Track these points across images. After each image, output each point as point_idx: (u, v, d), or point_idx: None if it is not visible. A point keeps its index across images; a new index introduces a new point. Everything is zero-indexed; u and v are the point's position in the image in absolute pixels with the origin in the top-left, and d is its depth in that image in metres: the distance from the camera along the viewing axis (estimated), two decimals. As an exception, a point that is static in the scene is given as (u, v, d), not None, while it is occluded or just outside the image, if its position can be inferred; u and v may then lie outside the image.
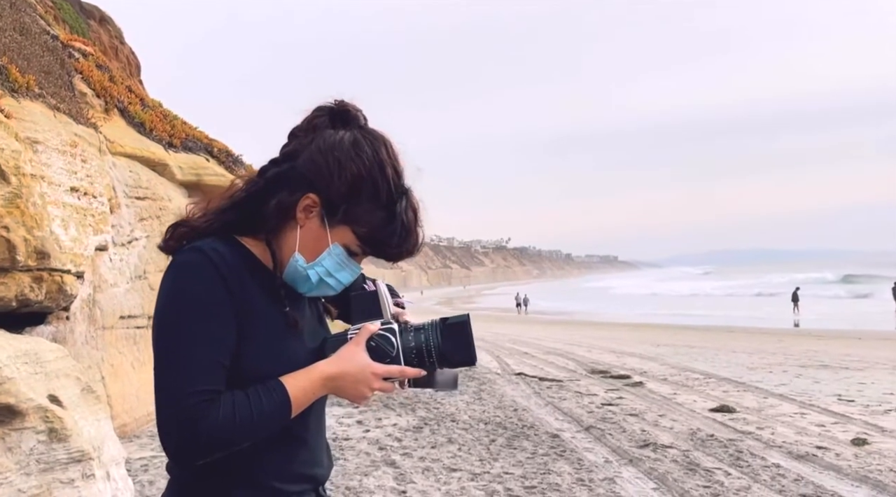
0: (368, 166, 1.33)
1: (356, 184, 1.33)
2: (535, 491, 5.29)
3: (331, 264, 1.36)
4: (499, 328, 29.05)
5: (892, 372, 12.19)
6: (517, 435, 7.34)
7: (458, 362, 1.35)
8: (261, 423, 1.26)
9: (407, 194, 1.36)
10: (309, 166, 1.35)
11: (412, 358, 1.34)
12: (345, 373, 1.31)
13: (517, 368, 13.59)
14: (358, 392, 1.32)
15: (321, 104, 1.40)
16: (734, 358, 14.95)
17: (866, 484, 5.42)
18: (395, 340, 1.34)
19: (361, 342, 1.33)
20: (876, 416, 8.29)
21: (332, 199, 1.33)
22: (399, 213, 1.34)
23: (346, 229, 1.35)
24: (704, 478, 5.65)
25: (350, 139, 1.35)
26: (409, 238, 1.36)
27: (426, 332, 1.34)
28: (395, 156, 1.37)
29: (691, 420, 8.16)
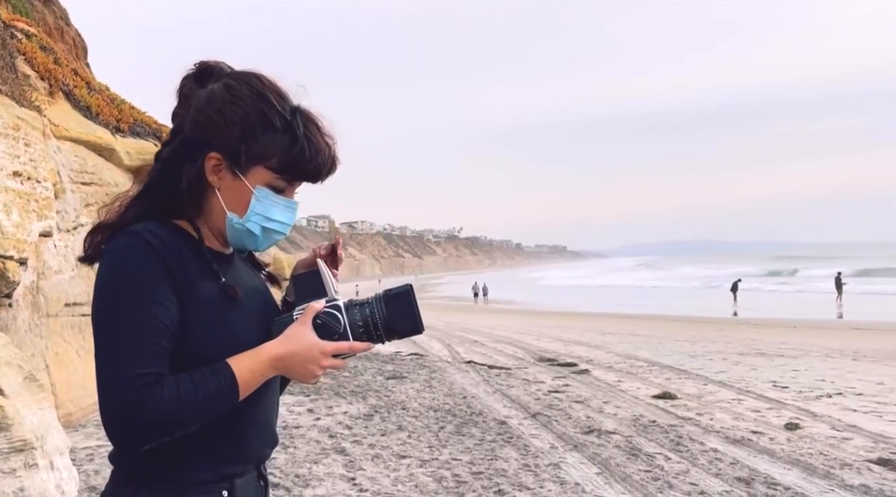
0: (250, 102, 1.32)
1: (246, 123, 1.31)
2: (483, 477, 5.35)
3: (263, 208, 1.34)
4: (450, 317, 29.15)
5: (824, 359, 12.61)
6: (466, 422, 7.39)
7: (405, 332, 1.36)
8: (206, 405, 1.25)
9: (299, 111, 1.35)
10: (196, 129, 1.33)
11: (360, 332, 1.34)
12: (293, 353, 1.30)
13: (467, 356, 13.67)
14: (308, 371, 1.31)
15: (184, 74, 1.39)
16: (677, 346, 15.28)
17: (797, 467, 5.61)
18: (341, 317, 1.33)
19: (307, 321, 1.32)
20: (808, 401, 8.57)
21: (232, 147, 1.32)
22: (299, 130, 1.33)
23: (260, 168, 1.33)
24: (646, 462, 5.77)
25: (221, 87, 1.34)
26: (320, 150, 1.34)
27: (371, 306, 1.35)
28: (272, 83, 1.35)
29: (635, 407, 8.33)
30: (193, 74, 1.38)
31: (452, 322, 25.25)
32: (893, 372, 10.91)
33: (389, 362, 12.47)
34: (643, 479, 5.28)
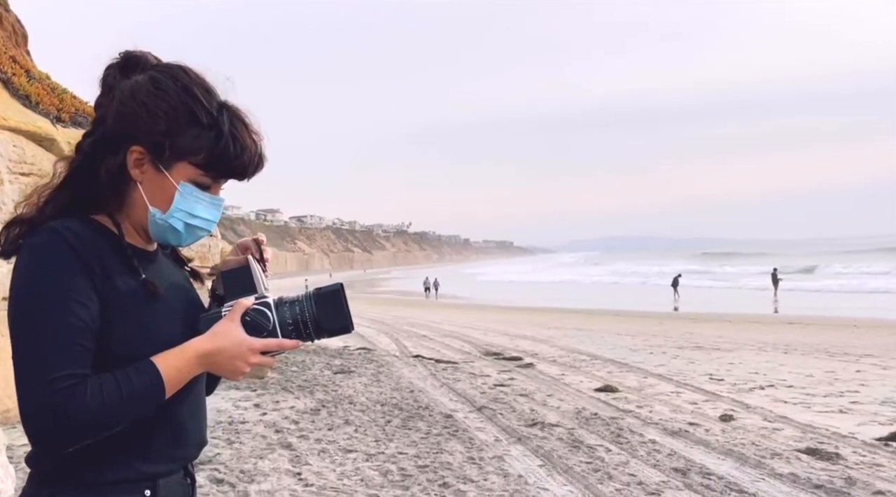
0: (175, 96, 1.29)
1: (171, 117, 1.28)
2: (428, 470, 5.36)
3: (187, 205, 1.31)
4: (399, 311, 29.11)
5: (757, 352, 12.97)
6: (412, 416, 7.40)
7: (335, 330, 1.34)
8: (131, 404, 1.21)
9: (226, 107, 1.32)
10: (119, 121, 1.30)
11: (289, 330, 1.32)
12: (220, 349, 1.27)
13: (415, 351, 13.67)
14: (235, 368, 1.29)
15: (109, 63, 1.35)
16: (619, 340, 15.53)
17: (731, 457, 5.77)
18: (270, 314, 1.31)
19: (236, 318, 1.30)
20: (742, 393, 8.82)
21: (156, 140, 1.28)
22: (224, 126, 1.30)
23: (184, 164, 1.30)
24: (587, 454, 5.86)
25: (147, 79, 1.30)
26: (245, 147, 1.31)
27: (301, 304, 1.33)
28: (199, 77, 1.32)
29: (577, 399, 8.44)
30: (118, 64, 1.34)
31: (401, 316, 25.23)
32: (822, 364, 11.29)
33: (337, 357, 12.40)
34: (584, 471, 5.36)
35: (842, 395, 8.61)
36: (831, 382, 9.55)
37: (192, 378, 1.30)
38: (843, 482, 5.04)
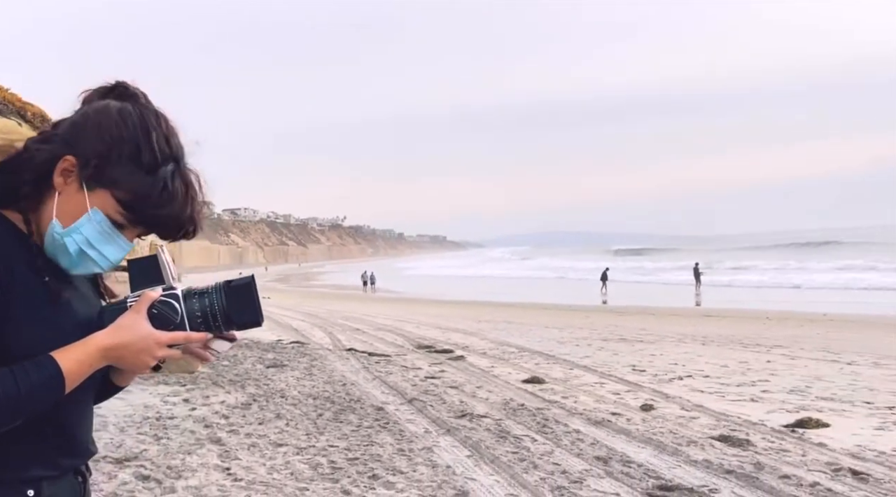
0: (131, 129, 1.25)
1: (116, 144, 1.24)
2: (358, 462, 5.34)
3: (91, 232, 1.25)
4: (333, 305, 28.90)
5: (677, 344, 13.37)
6: (344, 409, 7.36)
7: (245, 324, 1.30)
8: (29, 399, 1.17)
9: (178, 163, 1.28)
10: (70, 128, 1.27)
11: (198, 323, 1.28)
12: (125, 343, 1.23)
13: (348, 344, 13.60)
14: (140, 361, 1.25)
15: (101, 86, 1.32)
16: (546, 333, 15.78)
17: (650, 445, 5.93)
18: (178, 306, 1.27)
19: (142, 310, 1.25)
20: (662, 384, 9.07)
21: (89, 158, 1.24)
22: (165, 178, 1.25)
23: (106, 193, 1.25)
24: (514, 444, 5.94)
25: (118, 106, 1.27)
26: (178, 209, 1.27)
27: (210, 297, 1.29)
28: (168, 126, 1.29)
29: (505, 391, 8.54)
30: (105, 87, 1.31)
31: (335, 310, 25.04)
32: (736, 355, 11.71)
33: (270, 351, 12.22)
34: (510, 461, 5.43)
35: (753, 385, 8.95)
36: (744, 372, 9.91)
37: (82, 383, 1.24)
38: (753, 467, 5.24)
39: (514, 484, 4.88)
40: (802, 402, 7.80)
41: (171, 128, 1.30)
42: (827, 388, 8.68)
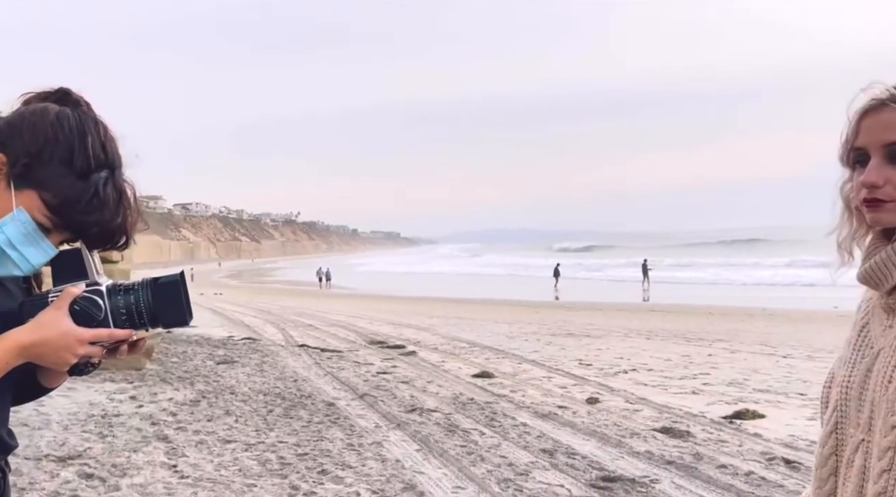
0: (67, 132, 1.21)
1: (49, 146, 1.20)
2: (307, 458, 5.30)
3: (13, 233, 1.20)
4: (287, 301, 28.61)
5: (623, 339, 13.58)
6: (295, 405, 7.29)
7: (171, 323, 1.25)
8: None
9: (113, 172, 1.24)
10: (6, 127, 1.22)
11: (122, 320, 1.22)
12: (45, 340, 1.17)
13: (301, 340, 13.48)
14: (61, 359, 1.19)
15: (45, 90, 1.28)
16: (497, 328, 15.88)
17: (594, 437, 6.02)
18: (102, 302, 1.21)
19: (64, 306, 1.19)
20: (607, 377, 9.21)
21: (19, 157, 1.19)
22: (96, 184, 1.21)
23: (33, 194, 1.20)
24: (462, 438, 5.96)
25: (56, 109, 1.23)
26: (107, 217, 1.22)
27: (136, 293, 1.23)
28: (106, 133, 1.25)
29: (455, 385, 8.57)
30: (47, 91, 1.27)
31: (289, 306, 24.79)
32: (679, 349, 11.95)
33: (221, 347, 12.05)
34: (458, 454, 5.45)
35: (695, 378, 9.14)
36: (686, 366, 10.12)
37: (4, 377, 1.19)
38: (692, 458, 5.36)
39: (462, 477, 4.90)
40: (740, 394, 8.00)
41: (109, 136, 1.25)
42: (764, 380, 8.93)
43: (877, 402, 1.09)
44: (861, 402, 1.12)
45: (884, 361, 1.09)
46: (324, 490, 4.57)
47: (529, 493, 4.55)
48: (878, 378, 1.09)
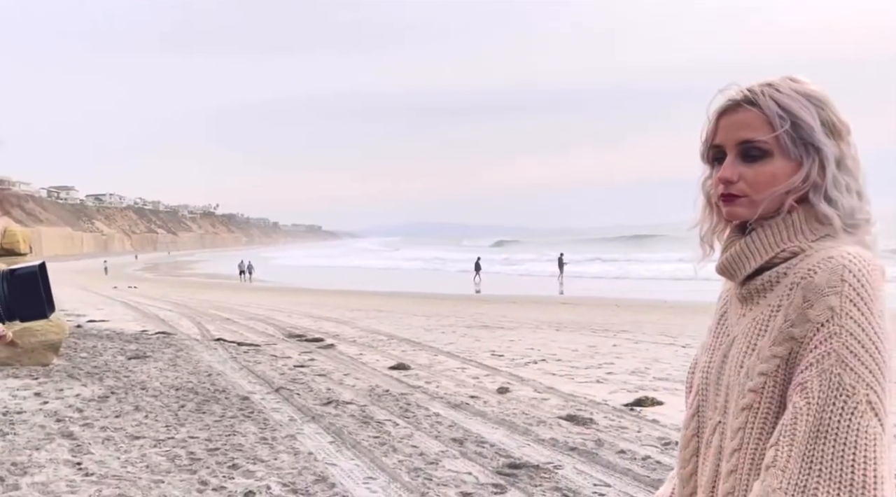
0: None
1: None
2: (218, 452, 5.17)
3: None
4: (205, 295, 27.84)
5: (534, 330, 13.84)
6: (208, 399, 7.11)
7: (28, 316, 1.20)
8: None
9: None
10: None
11: None
12: None
13: (217, 334, 13.16)
14: None
15: None
16: (415, 321, 15.90)
17: (503, 426, 6.11)
18: None
19: None
20: (518, 367, 9.36)
21: None
22: None
23: None
24: (376, 429, 5.95)
25: None
26: None
27: None
28: None
29: (372, 378, 8.54)
30: None
31: (206, 300, 24.13)
32: (586, 340, 12.26)
33: (133, 341, 11.62)
34: (371, 445, 5.44)
35: (600, 367, 9.40)
36: (592, 356, 10.40)
37: None
38: (594, 444, 5.51)
39: (374, 467, 4.89)
40: (641, 383, 8.27)
41: None
42: (664, 369, 9.26)
43: (731, 386, 1.14)
44: (718, 386, 1.18)
45: (738, 348, 1.15)
46: (233, 484, 4.48)
47: (438, 481, 4.59)
48: (733, 364, 1.15)
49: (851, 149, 1.15)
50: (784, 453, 1.02)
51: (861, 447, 0.99)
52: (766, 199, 1.13)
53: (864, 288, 1.03)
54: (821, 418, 1.01)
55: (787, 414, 1.04)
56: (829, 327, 1.03)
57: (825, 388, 1.01)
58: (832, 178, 1.12)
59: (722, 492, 1.13)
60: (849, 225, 1.12)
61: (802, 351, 1.05)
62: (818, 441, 1.00)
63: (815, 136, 1.12)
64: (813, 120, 1.12)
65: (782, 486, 1.01)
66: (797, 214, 1.13)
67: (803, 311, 1.06)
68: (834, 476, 0.98)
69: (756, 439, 1.09)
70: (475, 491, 4.40)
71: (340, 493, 4.34)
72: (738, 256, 1.17)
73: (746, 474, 1.09)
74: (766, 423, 1.08)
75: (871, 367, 1.01)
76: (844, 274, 1.04)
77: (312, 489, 4.40)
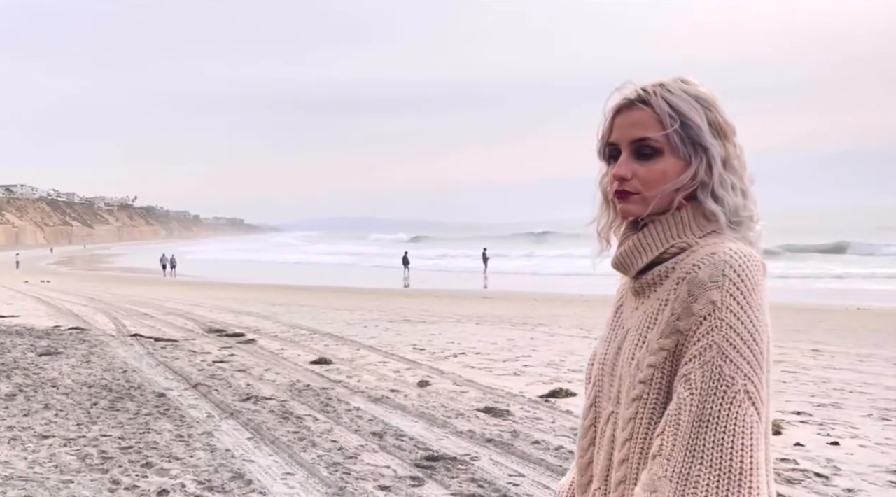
0: None
1: None
2: (132, 451, 5.00)
3: None
4: (122, 289, 26.79)
5: (455, 324, 13.93)
6: (122, 397, 6.85)
7: None
8: None
9: None
10: None
11: None
12: None
13: (134, 329, 12.68)
14: None
15: None
16: (338, 315, 15.75)
17: (423, 419, 6.13)
18: None
19: None
20: (438, 361, 9.40)
21: None
22: None
23: None
24: (295, 424, 5.87)
25: None
26: None
27: None
28: None
29: (293, 373, 8.42)
30: None
31: (123, 294, 23.22)
32: (505, 333, 12.43)
33: (44, 337, 11.08)
34: (290, 440, 5.36)
35: (517, 360, 9.55)
36: (510, 349, 10.55)
37: None
38: (510, 435, 5.60)
39: (292, 463, 4.82)
40: (556, 375, 8.45)
41: None
42: (578, 361, 9.48)
43: (623, 377, 1.18)
44: (613, 377, 1.21)
45: (630, 341, 1.18)
46: (147, 483, 4.34)
47: (357, 475, 4.57)
48: (625, 356, 1.18)
49: (737, 149, 1.18)
50: (669, 443, 1.06)
51: (739, 435, 1.03)
52: (657, 197, 1.16)
53: (744, 283, 1.07)
54: (703, 408, 1.05)
55: (672, 405, 1.08)
56: (710, 321, 1.07)
57: (707, 380, 1.05)
58: (719, 176, 1.15)
59: (614, 480, 1.16)
60: (734, 222, 1.16)
61: (687, 343, 1.08)
62: (700, 430, 1.04)
63: (703, 137, 1.15)
64: (701, 120, 1.15)
65: (667, 474, 1.05)
66: (686, 211, 1.17)
67: (688, 306, 1.09)
68: (714, 463, 1.03)
69: (645, 429, 1.12)
70: (393, 484, 4.41)
71: (257, 490, 4.27)
72: (631, 252, 1.20)
73: (636, 463, 1.13)
74: (655, 414, 1.12)
75: (749, 359, 1.05)
76: (726, 269, 1.08)
77: (229, 486, 4.31)
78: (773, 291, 1.17)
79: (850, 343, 10.64)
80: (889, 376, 7.92)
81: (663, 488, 1.04)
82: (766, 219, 1.21)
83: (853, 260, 36.85)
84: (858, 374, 8.01)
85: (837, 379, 7.76)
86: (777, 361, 7.23)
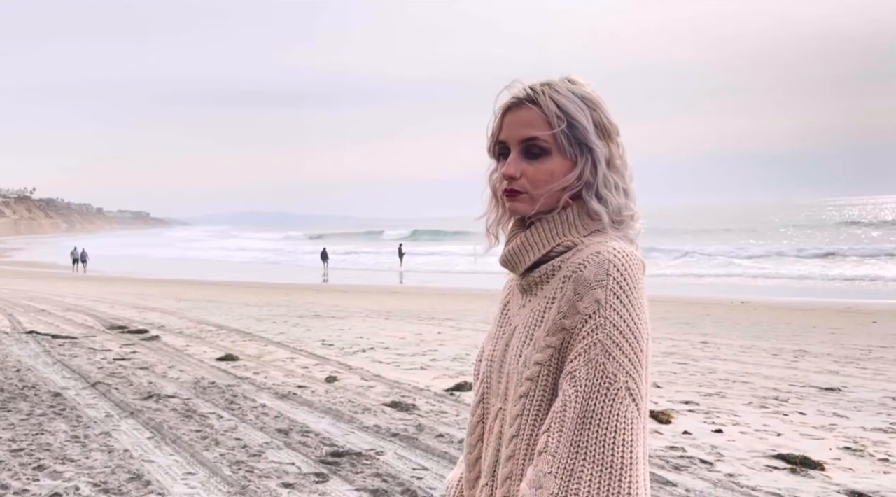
0: None
1: None
2: (23, 453, 4.68)
3: None
4: (19, 284, 25.11)
5: (364, 319, 13.80)
6: (14, 397, 6.41)
7: None
8: None
9: None
10: None
11: None
12: None
13: (30, 326, 11.91)
14: None
15: None
16: (246, 310, 15.31)
17: (329, 414, 6.03)
18: None
19: None
20: (347, 356, 9.29)
21: None
22: None
23: None
24: (199, 423, 5.65)
25: None
26: None
27: None
28: None
29: (198, 370, 8.11)
30: None
31: (20, 290, 21.77)
32: (413, 328, 12.41)
33: (-73, 335, 10.23)
34: (193, 439, 5.16)
35: (425, 354, 9.56)
36: (418, 343, 10.55)
37: None
38: (415, 429, 5.59)
39: (194, 462, 4.64)
40: (462, 368, 8.51)
41: None
42: (482, 355, 9.60)
43: (511, 374, 1.17)
44: (501, 374, 1.21)
45: (517, 338, 1.18)
46: (38, 487, 4.07)
47: (260, 473, 4.44)
48: (513, 353, 1.18)
49: (620, 149, 1.19)
50: (555, 439, 1.06)
51: (620, 431, 1.05)
52: (545, 196, 1.15)
53: (626, 281, 1.09)
54: (587, 405, 1.05)
55: (557, 401, 1.08)
56: (595, 319, 1.07)
57: (591, 377, 1.06)
58: (603, 177, 1.16)
59: (501, 476, 1.16)
60: (616, 221, 1.17)
61: (573, 341, 1.09)
62: (584, 426, 1.05)
63: (589, 137, 1.15)
64: (587, 121, 1.15)
65: (552, 470, 1.05)
66: (571, 210, 1.17)
67: (574, 304, 1.10)
68: (597, 459, 1.04)
69: (532, 426, 1.12)
70: (297, 481, 4.31)
71: (156, 491, 4.07)
72: (519, 250, 1.19)
73: (523, 459, 1.13)
74: (541, 410, 1.12)
75: (630, 356, 1.07)
76: (609, 268, 1.09)
77: (126, 488, 4.10)
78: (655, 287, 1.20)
79: (735, 335, 11.22)
80: (767, 366, 8.40)
81: (548, 484, 1.04)
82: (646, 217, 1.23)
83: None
84: (741, 365, 8.46)
85: (723, 369, 8.16)
86: (669, 353, 7.61)
